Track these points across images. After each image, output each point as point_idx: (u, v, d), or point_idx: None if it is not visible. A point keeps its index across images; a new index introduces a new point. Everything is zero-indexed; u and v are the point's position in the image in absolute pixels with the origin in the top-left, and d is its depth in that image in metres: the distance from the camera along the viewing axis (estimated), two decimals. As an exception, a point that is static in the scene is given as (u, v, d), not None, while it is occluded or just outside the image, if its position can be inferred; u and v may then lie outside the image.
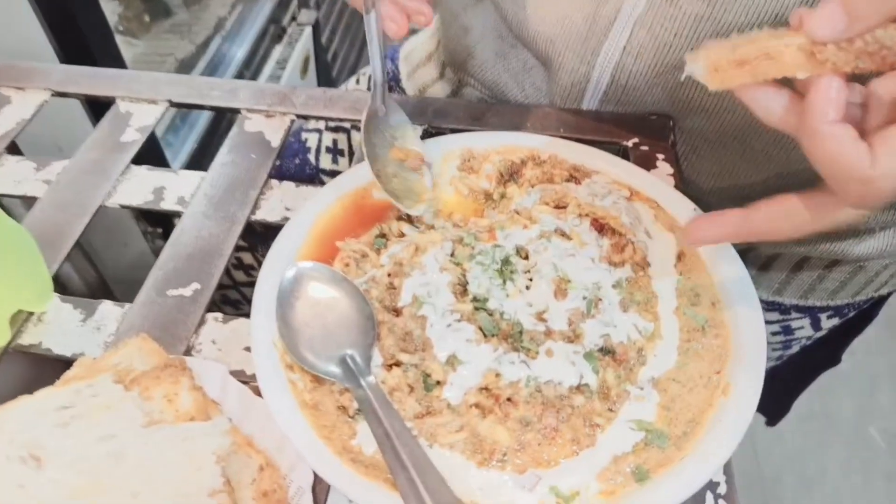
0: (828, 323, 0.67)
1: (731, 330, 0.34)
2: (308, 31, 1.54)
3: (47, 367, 0.38)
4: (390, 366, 0.33)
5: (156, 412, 0.31)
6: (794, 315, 0.64)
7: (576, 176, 0.41)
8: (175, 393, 0.31)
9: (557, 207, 0.39)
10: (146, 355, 0.34)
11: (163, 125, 1.07)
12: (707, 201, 0.41)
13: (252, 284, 0.36)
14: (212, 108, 0.53)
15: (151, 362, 0.33)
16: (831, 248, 0.55)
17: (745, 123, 0.45)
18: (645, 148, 0.48)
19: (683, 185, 0.46)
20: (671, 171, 0.47)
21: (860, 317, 0.74)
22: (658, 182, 0.42)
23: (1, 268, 0.36)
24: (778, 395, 0.94)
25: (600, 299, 0.35)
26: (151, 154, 0.86)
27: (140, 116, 0.52)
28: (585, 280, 0.35)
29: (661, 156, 0.48)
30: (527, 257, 0.37)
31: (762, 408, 1.00)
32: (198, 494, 0.27)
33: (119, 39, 0.96)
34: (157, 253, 0.96)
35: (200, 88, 0.54)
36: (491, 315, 0.34)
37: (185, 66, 1.21)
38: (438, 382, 0.32)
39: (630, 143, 0.49)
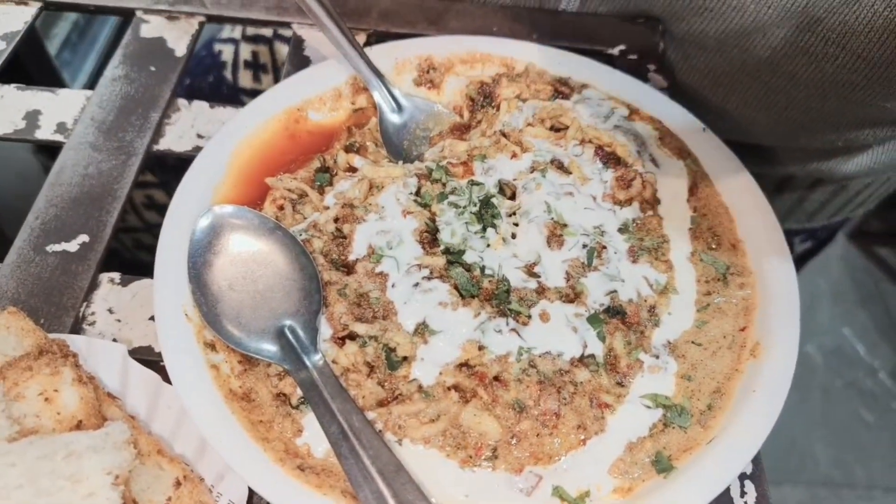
0: (801, 247, 0.66)
1: (757, 278, 0.28)
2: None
3: None
4: (342, 339, 0.26)
5: (29, 417, 0.23)
6: None
7: (562, 91, 0.33)
8: (54, 389, 0.23)
9: (553, 129, 0.32)
10: (16, 336, 0.26)
11: (57, 41, 0.91)
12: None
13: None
14: (96, 10, 0.42)
15: (23, 346, 0.25)
16: (819, 167, 0.51)
17: (753, 26, 0.38)
18: (633, 57, 0.41)
19: (676, 86, 0.40)
20: (665, 84, 0.39)
21: (820, 241, 0.73)
22: (660, 96, 0.35)
23: None
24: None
25: (604, 247, 0.28)
26: (44, 75, 0.73)
27: (8, 20, 0.40)
28: (586, 223, 0.28)
29: (652, 66, 0.40)
30: (513, 196, 0.30)
31: None
32: (84, 533, 0.20)
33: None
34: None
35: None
36: (469, 270, 0.27)
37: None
38: (405, 359, 0.25)
39: (616, 52, 0.41)
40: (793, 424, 1.51)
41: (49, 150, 0.80)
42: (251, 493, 0.24)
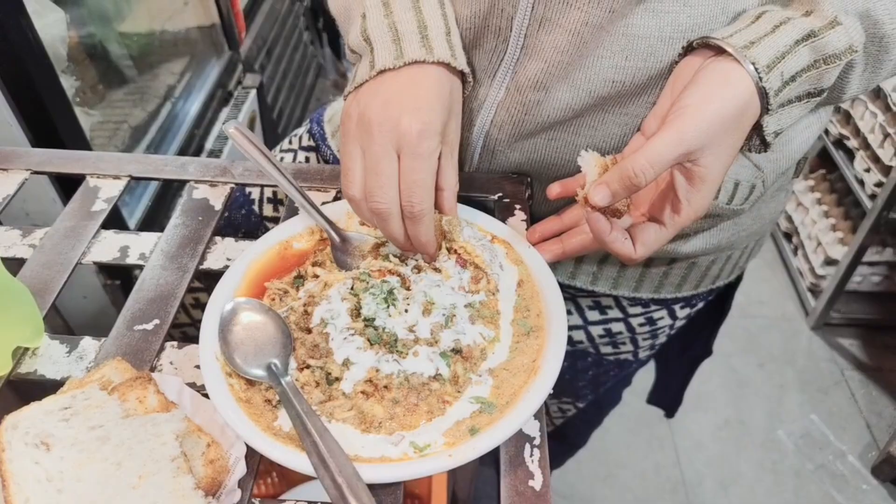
0: (682, 312, 0.80)
1: (546, 333, 0.48)
2: (253, 93, 1.68)
3: (37, 391, 0.49)
4: (302, 368, 0.46)
5: (131, 409, 0.43)
6: (652, 307, 0.78)
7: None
8: (144, 396, 0.43)
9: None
10: (121, 372, 0.46)
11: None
12: None
13: (207, 319, 0.48)
14: (166, 181, 0.66)
15: (125, 377, 0.46)
16: (665, 249, 0.67)
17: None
18: (507, 200, 0.63)
19: (534, 220, 0.62)
20: (525, 217, 0.61)
21: (713, 309, 0.89)
22: (510, 229, 0.56)
23: (4, 313, 0.48)
24: (669, 390, 1.10)
25: (455, 315, 0.48)
26: (111, 215, 0.97)
27: (106, 189, 0.64)
28: (446, 303, 0.49)
29: (518, 206, 0.63)
30: (409, 287, 0.51)
31: (660, 403, 1.17)
32: (163, 461, 0.39)
33: (78, 111, 1.08)
34: (115, 302, 1.07)
35: (156, 165, 0.67)
36: (376, 330, 0.47)
37: (139, 132, 1.33)
38: (337, 378, 0.45)
39: (496, 197, 0.63)
40: (765, 506, 1.59)
41: (108, 271, 1.04)
42: (248, 453, 0.43)
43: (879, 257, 1.91)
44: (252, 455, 0.43)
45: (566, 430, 1.15)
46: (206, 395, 0.45)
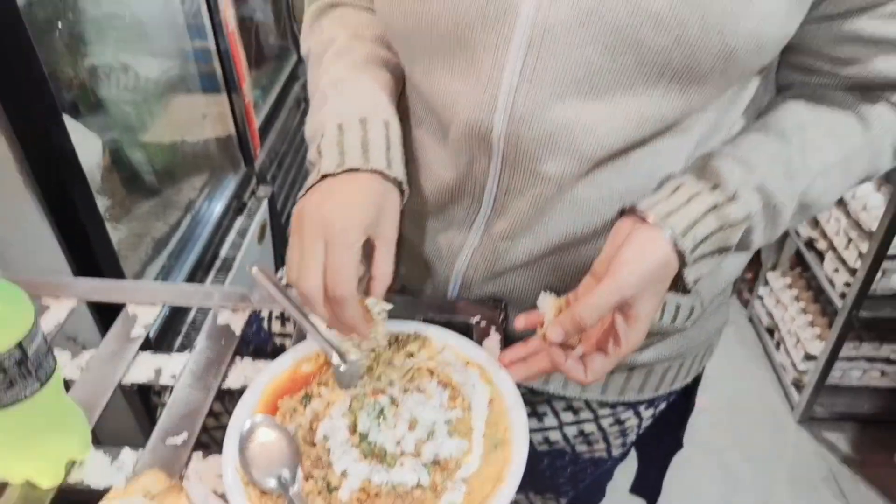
0: (646, 413, 0.89)
1: (512, 447, 0.58)
2: (265, 203, 1.83)
3: (80, 499, 0.58)
4: (307, 478, 0.56)
5: (166, 515, 0.52)
6: (619, 409, 0.87)
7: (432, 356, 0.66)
8: (178, 502, 0.53)
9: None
10: (157, 482, 0.56)
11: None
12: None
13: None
14: (200, 309, 0.78)
15: (162, 486, 0.55)
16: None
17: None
18: (483, 323, 0.74)
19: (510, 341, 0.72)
20: (499, 338, 0.72)
21: (677, 407, 0.98)
22: (485, 354, 0.67)
23: (62, 431, 0.58)
24: (647, 480, 1.17)
25: (435, 431, 0.58)
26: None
27: (143, 316, 0.76)
28: (428, 419, 0.59)
29: (493, 328, 0.74)
30: (398, 406, 0.61)
31: (641, 492, 1.25)
32: (193, 559, 0.48)
33: (108, 227, 1.21)
34: (132, 407, 1.16)
35: (186, 292, 0.79)
36: (369, 444, 0.57)
37: (161, 243, 1.47)
38: (336, 488, 0.55)
39: (474, 321, 0.74)
40: None
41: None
42: (261, 553, 0.52)
43: (857, 353, 1.99)
44: (265, 554, 0.52)
45: (553, 528, 1.21)
46: (226, 501, 0.54)
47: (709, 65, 0.55)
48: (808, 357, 2.03)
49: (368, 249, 0.60)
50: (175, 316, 1.33)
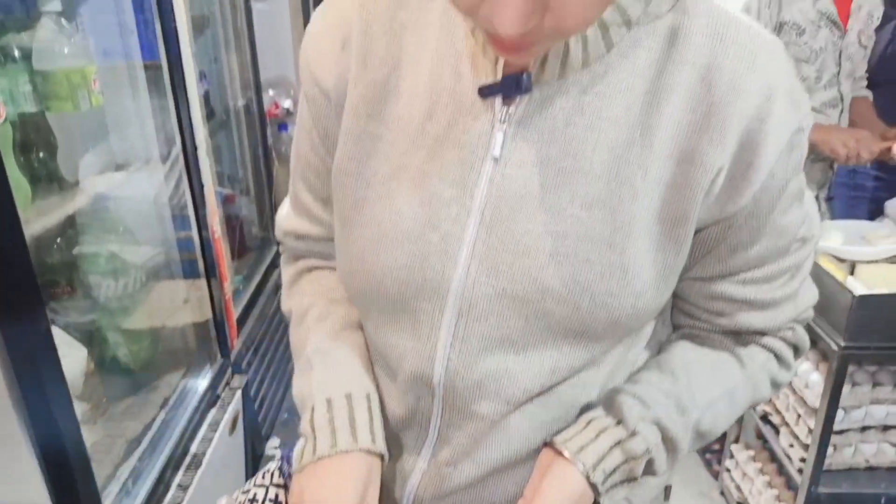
0: None
1: None
2: (238, 393, 1.89)
3: None
4: None
5: None
6: None
7: None
8: None
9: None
10: None
11: None
12: None
13: None
14: None
15: None
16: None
17: None
18: None
19: None
20: None
21: None
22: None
23: None
24: None
25: None
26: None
27: None
28: None
29: None
30: None
31: None
32: None
33: (84, 430, 1.26)
34: None
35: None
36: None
37: (133, 443, 1.51)
38: None
39: (425, 542, 0.81)
40: None
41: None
42: None
43: (826, 528, 2.00)
44: None
45: None
46: None
47: (601, 329, 0.68)
48: (779, 534, 2.03)
49: None
50: None
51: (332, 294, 0.87)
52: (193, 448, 1.63)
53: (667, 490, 0.92)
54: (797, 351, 0.83)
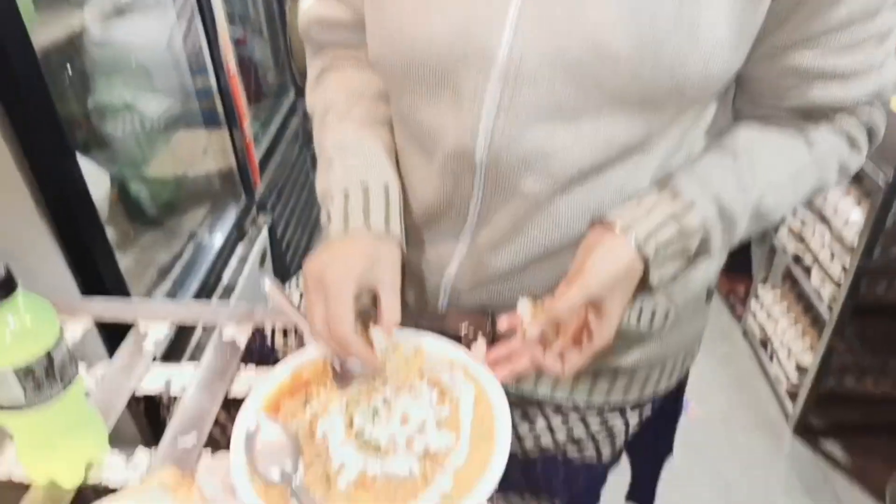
0: (633, 418, 0.93)
1: (495, 437, 0.63)
2: (265, 231, 1.89)
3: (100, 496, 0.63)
4: (308, 468, 0.60)
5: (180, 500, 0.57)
6: (606, 413, 0.92)
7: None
8: (190, 494, 0.58)
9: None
10: (171, 476, 0.60)
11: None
12: None
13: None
14: (207, 328, 0.83)
15: (175, 480, 0.60)
16: (608, 363, 0.82)
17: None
18: (471, 331, 0.79)
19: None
20: (485, 342, 0.77)
21: (665, 412, 1.02)
22: (469, 356, 0.72)
23: (82, 436, 0.63)
24: (641, 488, 1.21)
25: (425, 426, 0.63)
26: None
27: (154, 333, 0.81)
28: (418, 416, 0.64)
29: (480, 332, 0.79)
30: (390, 407, 0.66)
31: (636, 499, 1.28)
32: (205, 542, 0.53)
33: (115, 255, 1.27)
34: (136, 421, 1.20)
35: (194, 311, 0.84)
36: (365, 439, 0.62)
37: (164, 271, 1.52)
38: (335, 478, 0.59)
39: (463, 331, 0.80)
40: None
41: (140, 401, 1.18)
42: (267, 538, 0.57)
43: (848, 363, 2.03)
44: (270, 538, 0.57)
45: (550, 533, 1.24)
46: (235, 493, 0.59)
47: (663, 96, 0.61)
48: (801, 368, 2.07)
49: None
50: (181, 337, 1.38)
51: (356, 90, 0.81)
52: (226, 279, 1.66)
53: (709, 292, 0.89)
54: (872, 135, 0.75)
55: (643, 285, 0.67)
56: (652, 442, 1.11)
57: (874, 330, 2.01)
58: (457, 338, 0.77)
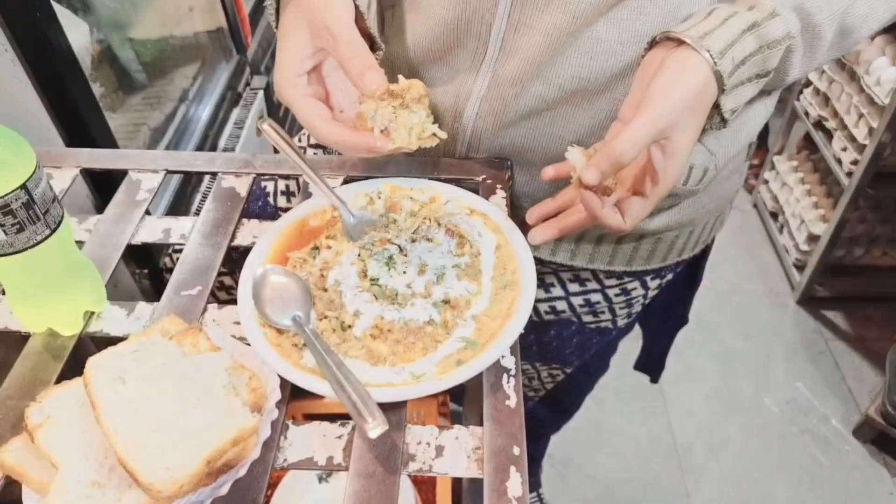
0: (653, 283, 0.89)
1: (521, 286, 0.59)
2: (261, 94, 1.78)
3: (105, 345, 0.60)
4: (321, 319, 0.57)
5: (187, 351, 0.53)
6: (626, 279, 0.88)
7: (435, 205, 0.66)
8: (197, 342, 0.54)
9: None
10: (175, 326, 0.57)
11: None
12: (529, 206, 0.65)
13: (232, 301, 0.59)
14: (198, 173, 0.77)
15: (179, 328, 0.56)
16: None
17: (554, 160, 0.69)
18: (490, 181, 0.73)
19: (516, 198, 0.72)
20: (505, 195, 0.72)
21: (684, 280, 0.98)
22: (489, 204, 0.66)
23: (76, 283, 0.59)
24: (652, 357, 1.20)
25: (444, 274, 0.59)
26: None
27: (147, 182, 0.75)
28: (437, 264, 0.60)
29: (499, 185, 0.73)
30: (406, 254, 0.62)
31: (644, 369, 1.28)
32: (216, 387, 0.50)
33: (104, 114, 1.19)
34: (143, 290, 1.18)
35: (188, 159, 0.78)
36: (380, 287, 0.58)
37: (158, 133, 1.44)
38: (349, 326, 0.56)
39: (480, 179, 0.74)
40: (755, 468, 1.71)
41: (138, 261, 1.15)
42: (282, 382, 0.54)
43: (860, 232, 2.00)
44: (285, 385, 0.54)
45: (559, 397, 1.25)
46: (245, 343, 0.56)
47: None
48: (812, 238, 2.04)
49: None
50: (184, 193, 1.33)
51: None
52: (222, 143, 1.57)
53: (750, 147, 0.82)
54: None
55: (711, 118, 0.59)
56: (668, 311, 1.09)
57: (891, 199, 1.96)
58: (474, 189, 0.71)
